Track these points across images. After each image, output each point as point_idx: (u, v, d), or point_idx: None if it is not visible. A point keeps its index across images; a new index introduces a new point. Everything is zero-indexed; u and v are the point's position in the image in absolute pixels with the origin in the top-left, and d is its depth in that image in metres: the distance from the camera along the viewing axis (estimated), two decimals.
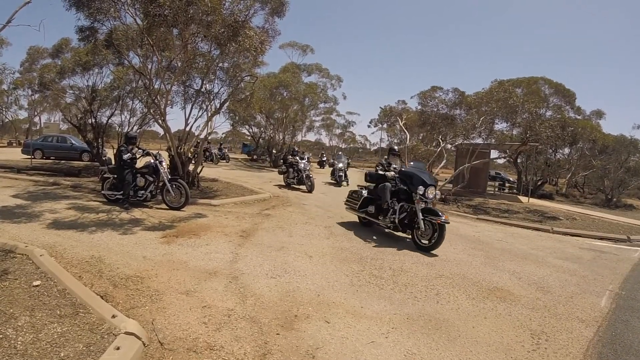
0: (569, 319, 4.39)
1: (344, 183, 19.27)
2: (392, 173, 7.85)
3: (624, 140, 26.09)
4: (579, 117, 25.92)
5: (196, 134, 12.94)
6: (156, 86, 11.37)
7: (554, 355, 3.51)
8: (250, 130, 36.77)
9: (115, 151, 9.88)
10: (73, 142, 21.27)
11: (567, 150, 27.66)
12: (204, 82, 12.14)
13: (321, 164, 33.04)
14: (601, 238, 10.05)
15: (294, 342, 3.35)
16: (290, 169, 15.46)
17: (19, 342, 2.87)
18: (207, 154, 26.20)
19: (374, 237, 7.63)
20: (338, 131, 55.17)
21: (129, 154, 8.71)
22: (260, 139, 36.72)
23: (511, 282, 5.60)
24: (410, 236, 7.31)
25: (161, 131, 13.00)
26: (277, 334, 3.48)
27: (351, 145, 62.06)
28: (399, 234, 7.67)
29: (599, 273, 6.50)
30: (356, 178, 21.70)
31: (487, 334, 3.82)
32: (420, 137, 30.52)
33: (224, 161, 29.13)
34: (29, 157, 18.33)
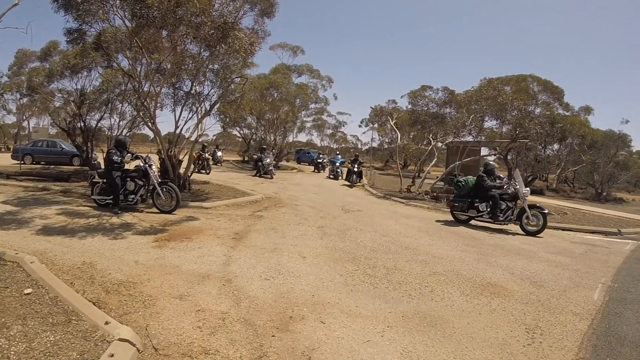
0: (563, 312, 4.41)
1: (340, 177, 23.52)
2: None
3: (612, 135, 26.38)
4: (567, 114, 26.10)
5: (187, 136, 12.87)
6: (145, 89, 11.31)
7: (549, 349, 3.52)
8: (242, 131, 36.67)
9: (105, 155, 9.80)
10: (63, 146, 21.07)
11: (556, 146, 27.86)
12: (194, 84, 12.08)
13: (317, 167, 30.40)
14: (592, 232, 10.12)
15: (289, 344, 3.34)
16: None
17: (12, 352, 2.82)
18: (199, 162, 20.45)
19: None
20: (329, 131, 55.26)
21: (117, 157, 8.62)
22: (252, 141, 36.57)
23: (504, 277, 5.62)
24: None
25: (151, 134, 12.96)
26: (273, 336, 3.46)
27: (342, 145, 62.12)
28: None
29: (591, 266, 6.55)
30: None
31: (482, 330, 3.83)
32: (411, 136, 30.68)
33: (218, 164, 27.38)
34: (19, 162, 18.13)
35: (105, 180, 8.77)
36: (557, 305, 4.62)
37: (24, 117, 39.68)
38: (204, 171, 19.80)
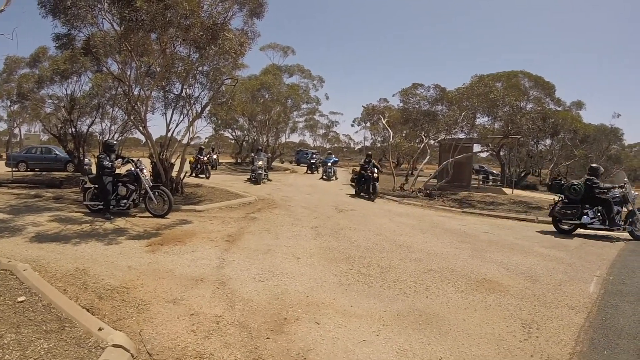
0: (559, 306, 4.42)
1: (333, 178, 22.13)
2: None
3: (604, 129, 26.55)
4: (559, 109, 26.21)
5: (178, 139, 12.82)
6: (136, 92, 11.28)
7: (546, 343, 3.53)
8: (234, 133, 36.59)
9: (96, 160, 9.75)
10: (57, 152, 21.01)
11: (548, 142, 28.03)
12: (184, 87, 12.05)
13: (310, 167, 28.79)
14: None
15: (284, 346, 3.32)
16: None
17: None
18: (198, 166, 19.98)
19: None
20: (322, 131, 55.24)
21: (108, 162, 8.57)
22: (244, 142, 36.51)
23: (499, 273, 5.63)
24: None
25: (143, 138, 12.87)
26: (267, 338, 3.44)
27: (335, 145, 62.13)
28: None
29: (585, 260, 6.58)
30: (342, 176, 23.44)
31: (479, 326, 3.83)
32: (404, 134, 30.63)
33: (213, 168, 24.87)
34: (14, 169, 17.97)
35: (97, 186, 8.71)
36: (553, 300, 4.63)
37: (15, 124, 39.39)
38: (203, 175, 19.45)
